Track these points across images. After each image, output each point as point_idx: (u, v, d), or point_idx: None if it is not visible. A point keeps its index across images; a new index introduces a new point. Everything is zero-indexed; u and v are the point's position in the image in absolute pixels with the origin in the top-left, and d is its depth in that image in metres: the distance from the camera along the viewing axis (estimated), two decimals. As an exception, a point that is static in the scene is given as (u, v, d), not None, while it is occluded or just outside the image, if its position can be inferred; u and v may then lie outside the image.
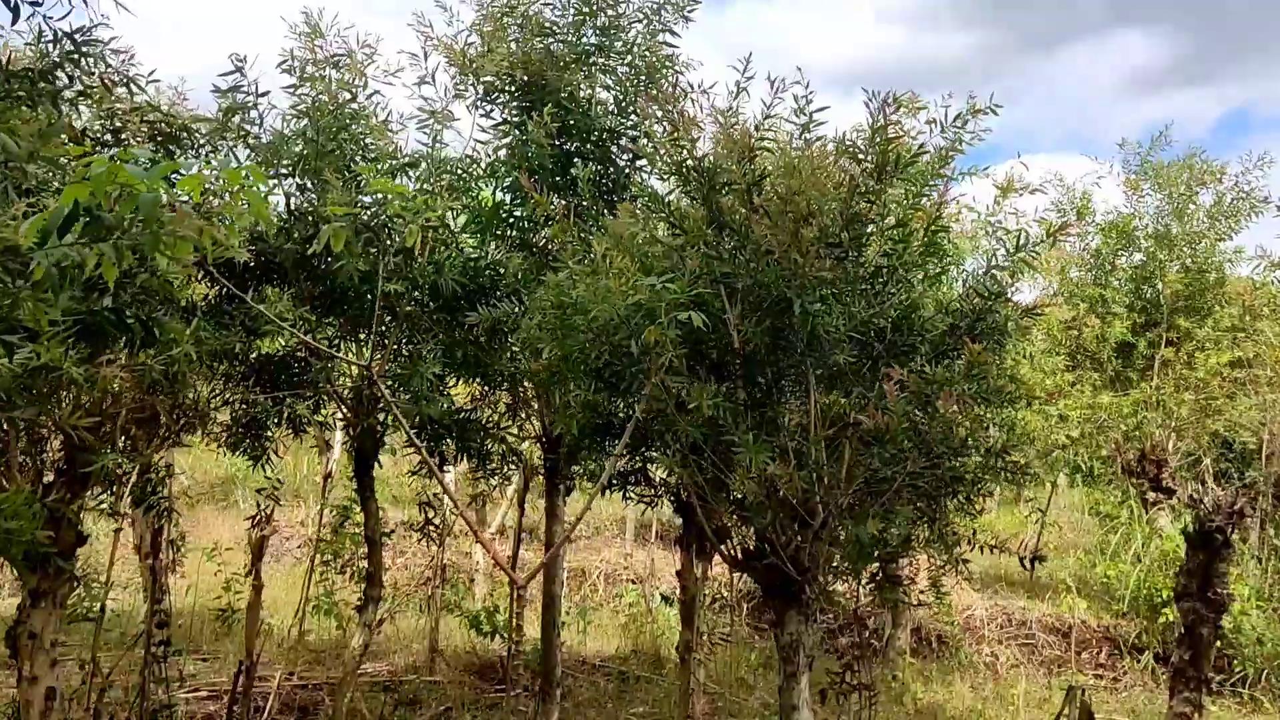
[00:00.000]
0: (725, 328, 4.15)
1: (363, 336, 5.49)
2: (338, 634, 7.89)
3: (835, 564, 4.00)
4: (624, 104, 6.04)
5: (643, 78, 6.01)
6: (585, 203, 4.74)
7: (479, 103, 5.90)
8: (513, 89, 5.94)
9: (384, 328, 5.45)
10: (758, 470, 3.71)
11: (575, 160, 5.95)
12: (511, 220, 5.92)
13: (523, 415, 5.99)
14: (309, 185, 4.97)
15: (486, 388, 5.71)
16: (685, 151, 4.31)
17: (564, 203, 5.44)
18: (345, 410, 5.25)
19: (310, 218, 4.88)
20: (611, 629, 9.71)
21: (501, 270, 5.51)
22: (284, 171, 4.90)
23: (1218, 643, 8.75)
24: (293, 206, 4.95)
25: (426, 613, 8.16)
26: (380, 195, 4.28)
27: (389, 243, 4.35)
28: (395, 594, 8.95)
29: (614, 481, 4.77)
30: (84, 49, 3.56)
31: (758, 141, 4.23)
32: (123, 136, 4.72)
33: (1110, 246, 12.37)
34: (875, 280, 4.39)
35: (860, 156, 4.16)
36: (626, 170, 6.18)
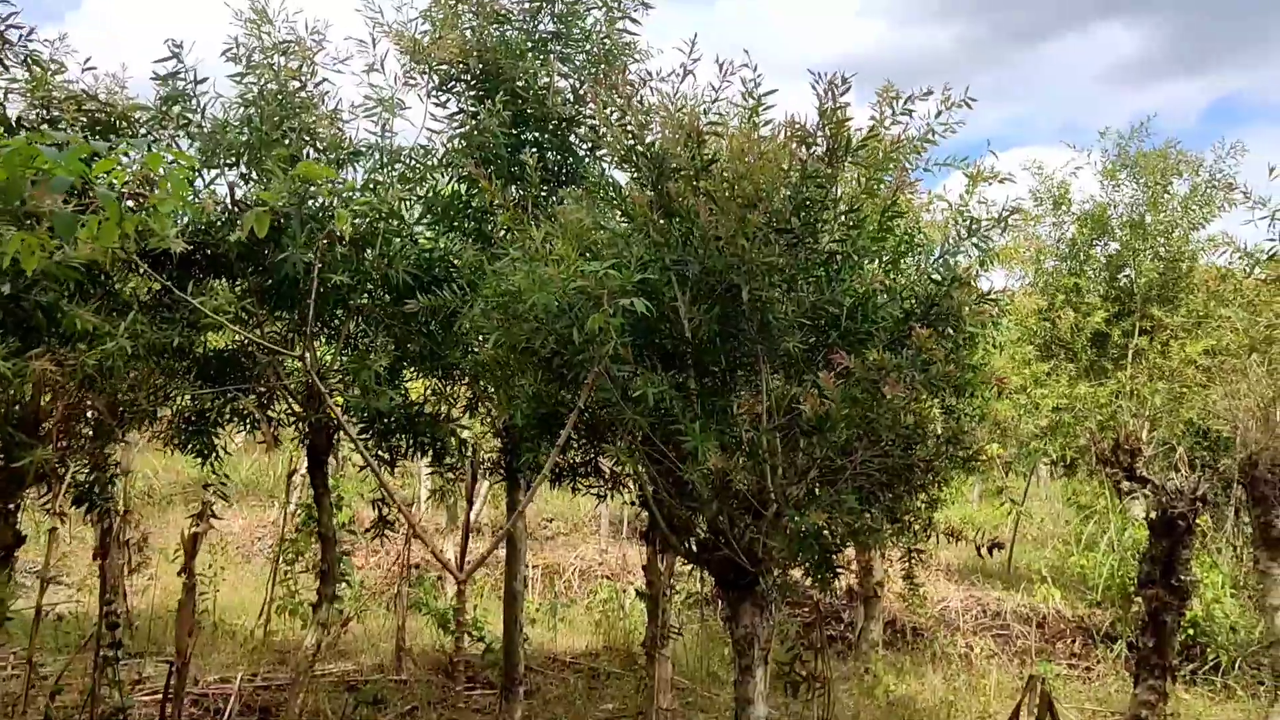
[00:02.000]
0: (676, 315, 4.08)
1: (313, 330, 5.40)
2: (304, 633, 7.79)
3: (785, 554, 3.92)
4: (581, 92, 5.96)
5: (601, 66, 5.93)
6: (535, 191, 4.64)
7: (433, 92, 5.80)
8: (468, 78, 5.84)
9: (336, 321, 5.36)
10: (705, 460, 3.63)
11: (533, 150, 5.87)
12: (468, 211, 5.82)
13: (483, 408, 5.90)
14: (254, 176, 4.86)
15: (443, 381, 5.61)
16: (633, 137, 4.24)
17: (514, 191, 5.36)
18: (295, 405, 5.14)
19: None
20: (585, 625, 9.63)
21: (456, 261, 5.41)
22: (228, 161, 4.78)
23: (1190, 630, 8.80)
24: (237, 197, 4.83)
25: (393, 611, 8.06)
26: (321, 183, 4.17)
27: (338, 233, 4.24)
28: (363, 593, 8.84)
29: (563, 474, 4.69)
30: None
31: (707, 126, 4.16)
32: (60, 126, 4.61)
33: (1085, 236, 12.37)
34: (829, 266, 4.32)
35: (810, 140, 4.09)
36: (586, 159, 6.10)
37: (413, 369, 5.67)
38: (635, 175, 4.38)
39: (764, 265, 3.86)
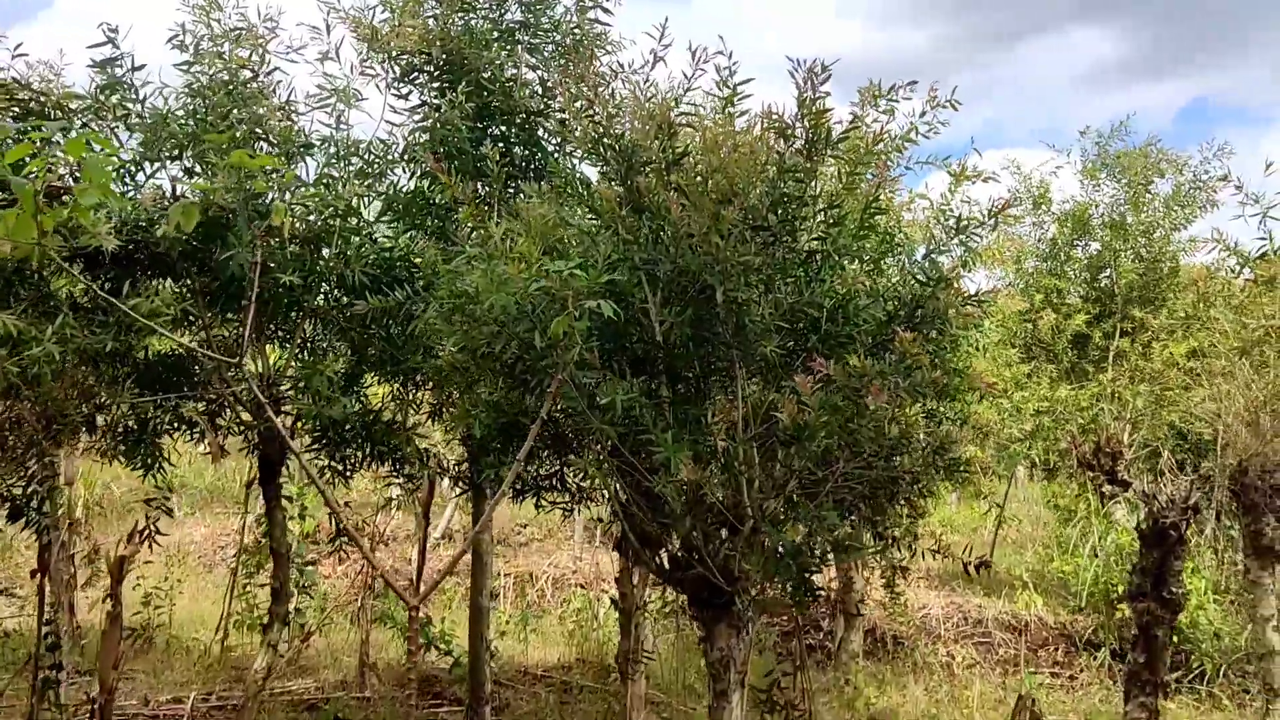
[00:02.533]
0: (646, 318, 3.84)
1: (268, 333, 5.12)
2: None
3: (761, 573, 3.68)
4: (550, 85, 5.71)
5: (571, 57, 5.68)
6: (498, 186, 4.38)
7: (394, 83, 5.54)
8: (430, 68, 5.58)
9: (290, 324, 5.07)
10: (677, 472, 3.39)
11: (499, 143, 5.62)
12: (430, 208, 5.55)
13: (447, 415, 5.62)
14: (199, 169, 4.57)
15: (404, 387, 5.33)
16: (601, 128, 3.99)
17: (479, 187, 5.10)
18: (245, 412, 4.84)
19: (201, 204, 4.47)
20: (558, 636, 9.36)
21: (418, 261, 5.14)
22: (170, 154, 4.49)
23: (1174, 638, 8.63)
24: (179, 191, 4.54)
25: (357, 625, 7.75)
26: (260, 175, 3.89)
27: (275, 228, 3.96)
28: (327, 605, 8.52)
29: (526, 488, 4.43)
30: None
31: (678, 116, 3.92)
32: (-12, 115, 4.31)
33: (1066, 236, 12.26)
34: (808, 266, 4.09)
35: (789, 132, 3.85)
36: (555, 154, 5.85)
37: (373, 374, 5.40)
38: (604, 169, 4.14)
39: (739, 264, 3.63)
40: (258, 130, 4.73)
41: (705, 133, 3.83)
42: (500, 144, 5.63)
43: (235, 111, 4.59)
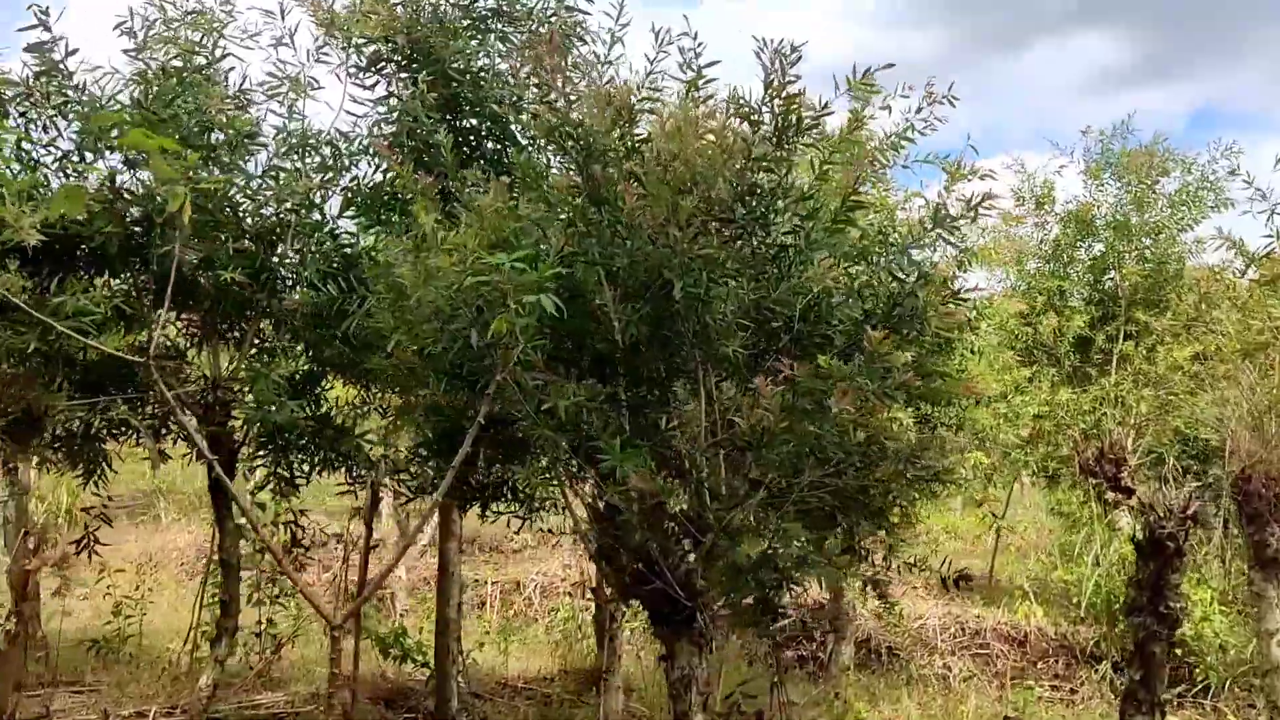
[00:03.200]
0: (605, 315, 3.60)
1: (221, 333, 4.90)
2: (243, 659, 7.24)
3: (719, 590, 3.44)
4: (523, 76, 5.48)
5: (532, 40, 5.45)
6: (454, 179, 4.15)
7: (358, 72, 5.31)
8: (397, 58, 5.36)
9: (243, 323, 4.86)
10: (625, 480, 3.15)
11: (469, 136, 5.41)
12: (395, 203, 5.32)
13: (400, 419, 5.39)
14: (141, 159, 4.35)
15: (366, 389, 5.11)
16: (559, 114, 3.76)
17: (439, 179, 4.86)
18: (190, 417, 4.62)
19: (142, 197, 4.26)
20: (542, 646, 9.11)
21: (380, 258, 4.91)
22: (108, 144, 4.27)
23: (1177, 650, 8.32)
24: (118, 183, 4.32)
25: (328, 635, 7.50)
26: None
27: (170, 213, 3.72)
28: (301, 615, 8.27)
29: (470, 496, 4.20)
30: None
31: (639, 101, 3.68)
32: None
33: (1069, 237, 11.97)
34: (779, 262, 3.84)
35: (756, 118, 3.62)
36: (528, 148, 5.62)
37: (334, 376, 5.17)
38: (562, 157, 3.91)
39: (699, 258, 3.39)
40: (204, 119, 4.51)
41: (666, 119, 3.60)
42: (470, 137, 5.42)
43: (182, 100, 4.37)
